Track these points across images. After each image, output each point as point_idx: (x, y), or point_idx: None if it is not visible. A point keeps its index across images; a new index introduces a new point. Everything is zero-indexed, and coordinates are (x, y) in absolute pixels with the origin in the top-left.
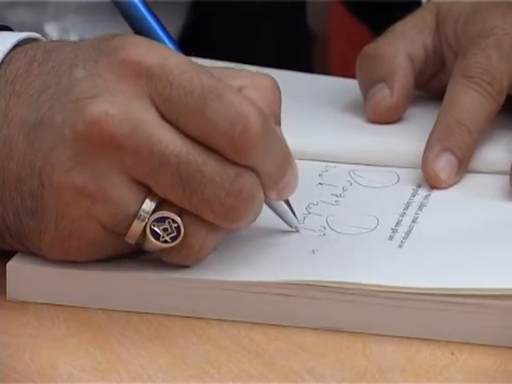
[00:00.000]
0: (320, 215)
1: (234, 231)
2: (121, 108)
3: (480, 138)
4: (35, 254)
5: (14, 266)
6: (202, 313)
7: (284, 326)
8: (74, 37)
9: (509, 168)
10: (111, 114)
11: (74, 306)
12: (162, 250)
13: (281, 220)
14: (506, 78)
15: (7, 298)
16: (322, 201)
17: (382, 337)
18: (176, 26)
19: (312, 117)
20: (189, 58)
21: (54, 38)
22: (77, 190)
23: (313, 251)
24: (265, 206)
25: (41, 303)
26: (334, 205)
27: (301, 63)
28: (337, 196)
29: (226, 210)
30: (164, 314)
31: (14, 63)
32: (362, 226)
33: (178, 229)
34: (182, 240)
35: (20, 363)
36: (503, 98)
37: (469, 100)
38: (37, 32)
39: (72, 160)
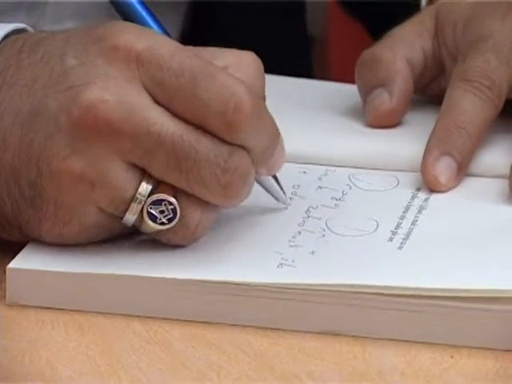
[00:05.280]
0: (320, 218)
1: (227, 208)
2: (114, 93)
3: (479, 141)
4: (35, 257)
5: (13, 268)
6: (201, 316)
7: (283, 330)
8: None
9: (508, 172)
10: (105, 100)
11: (73, 310)
12: (159, 232)
13: (270, 197)
14: (505, 82)
15: (7, 302)
16: (321, 204)
17: (381, 340)
18: (174, 30)
19: (312, 121)
20: (177, 42)
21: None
22: (75, 176)
23: (312, 252)
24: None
25: (41, 307)
26: (333, 208)
27: (300, 67)
28: (336, 199)
29: (222, 188)
30: (164, 318)
31: (2, 54)
32: (362, 228)
33: (174, 210)
34: (178, 221)
35: (20, 366)
36: (502, 102)
37: (468, 104)
38: None
39: (69, 147)
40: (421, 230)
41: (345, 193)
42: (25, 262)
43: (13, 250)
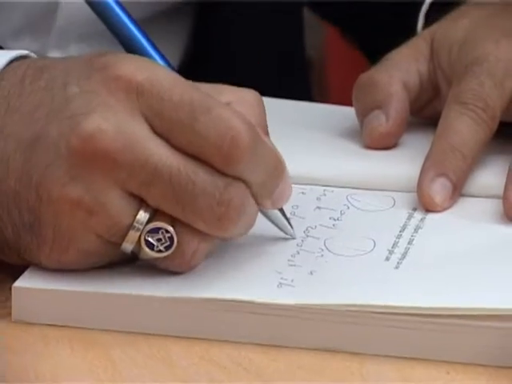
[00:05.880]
0: (318, 238)
1: (226, 240)
2: (114, 123)
3: (474, 162)
4: (40, 276)
5: (19, 287)
6: (202, 334)
7: (283, 347)
8: None
9: (502, 192)
10: (104, 129)
11: (78, 327)
12: (156, 259)
13: (277, 229)
14: (499, 105)
15: (12, 319)
16: (320, 224)
17: (378, 357)
18: (176, 54)
19: (310, 143)
20: (177, 74)
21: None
22: (73, 203)
23: (311, 272)
24: (260, 228)
25: (46, 324)
26: (331, 228)
27: (298, 90)
28: (334, 219)
29: (216, 219)
30: (166, 335)
31: (6, 80)
32: (359, 248)
33: (171, 238)
34: (175, 249)
35: (25, 381)
36: (496, 124)
37: (463, 126)
38: None
39: (68, 175)
40: (417, 250)
41: (343, 213)
42: (30, 280)
43: (18, 269)
